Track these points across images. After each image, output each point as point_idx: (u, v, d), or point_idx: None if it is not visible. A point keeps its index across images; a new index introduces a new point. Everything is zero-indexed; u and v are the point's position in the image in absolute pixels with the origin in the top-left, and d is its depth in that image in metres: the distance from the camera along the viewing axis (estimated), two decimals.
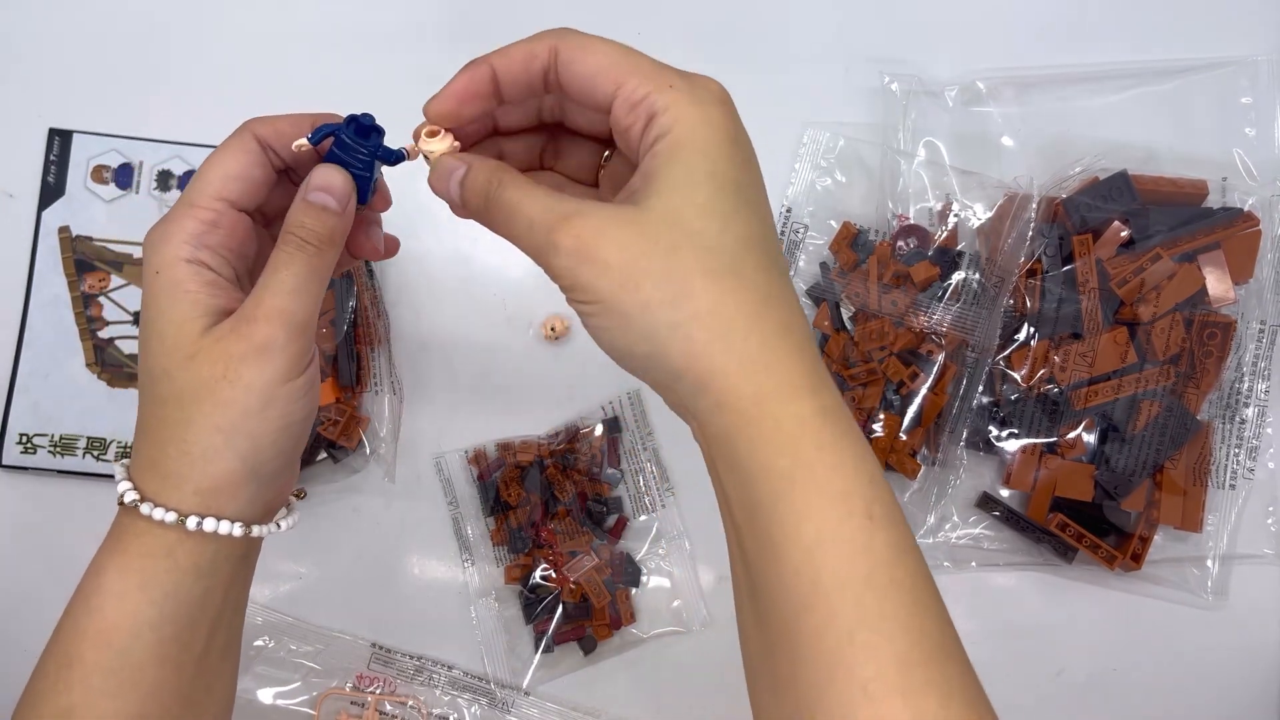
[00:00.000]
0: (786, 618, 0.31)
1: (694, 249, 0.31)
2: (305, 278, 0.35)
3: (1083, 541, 0.58)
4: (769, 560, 0.31)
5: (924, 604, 0.31)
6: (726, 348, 0.31)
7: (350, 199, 0.36)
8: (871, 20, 0.65)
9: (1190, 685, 0.61)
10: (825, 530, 0.30)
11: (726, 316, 0.31)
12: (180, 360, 0.34)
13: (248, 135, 0.37)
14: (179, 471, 0.35)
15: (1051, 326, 0.58)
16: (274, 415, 0.34)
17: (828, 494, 0.31)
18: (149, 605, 0.35)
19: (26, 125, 0.64)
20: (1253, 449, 0.60)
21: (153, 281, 0.35)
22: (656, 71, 0.33)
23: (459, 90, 0.35)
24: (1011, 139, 0.63)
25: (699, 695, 0.61)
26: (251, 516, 0.36)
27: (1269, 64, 0.62)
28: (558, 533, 0.61)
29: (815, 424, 0.31)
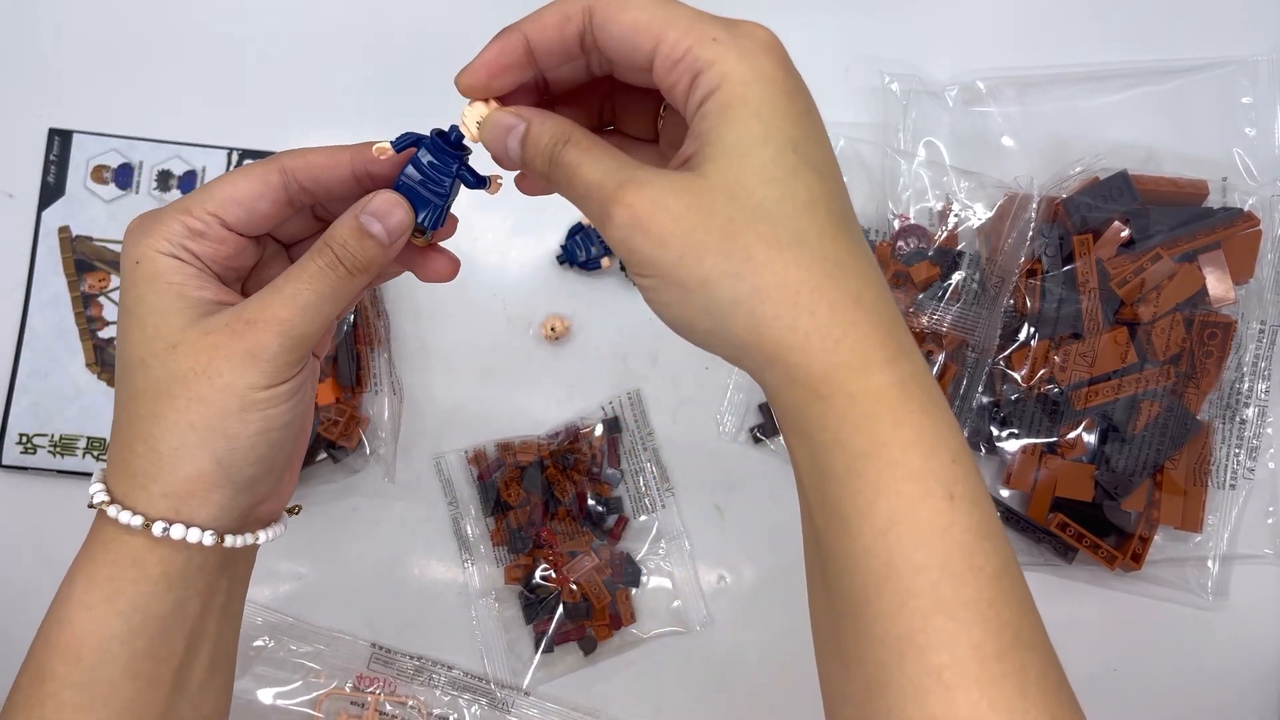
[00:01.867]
0: (856, 595, 0.30)
1: (753, 219, 0.29)
2: (323, 297, 0.33)
3: (1083, 541, 0.58)
4: (840, 536, 0.30)
5: (1005, 592, 0.29)
6: (793, 323, 0.29)
7: (403, 235, 0.34)
8: (871, 20, 0.65)
9: (1190, 685, 0.61)
10: (900, 511, 0.29)
11: (792, 290, 0.29)
12: (160, 350, 0.33)
13: (273, 167, 0.35)
14: (146, 471, 0.33)
15: (1052, 326, 0.58)
16: (253, 419, 0.33)
17: (904, 472, 0.29)
18: (116, 617, 0.33)
19: (26, 125, 0.64)
20: (1253, 449, 0.60)
21: (132, 271, 0.34)
22: (697, 22, 0.30)
23: (490, 61, 0.33)
24: (1012, 139, 0.63)
25: (699, 695, 0.61)
26: (226, 525, 0.34)
27: (1269, 64, 0.62)
28: (558, 533, 0.61)
29: (891, 398, 0.29)
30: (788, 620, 0.62)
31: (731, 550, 0.62)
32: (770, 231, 0.29)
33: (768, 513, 0.62)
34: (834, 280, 0.29)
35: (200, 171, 0.64)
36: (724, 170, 0.29)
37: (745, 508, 0.63)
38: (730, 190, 0.29)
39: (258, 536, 0.36)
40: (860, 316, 0.30)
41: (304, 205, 0.36)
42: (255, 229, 0.35)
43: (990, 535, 0.30)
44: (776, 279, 0.29)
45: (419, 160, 0.34)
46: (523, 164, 0.33)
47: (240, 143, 0.65)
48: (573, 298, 0.64)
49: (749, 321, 0.29)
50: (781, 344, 0.29)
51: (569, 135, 0.32)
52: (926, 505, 0.29)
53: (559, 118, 0.33)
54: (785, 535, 0.62)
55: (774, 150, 0.30)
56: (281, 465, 0.36)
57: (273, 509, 0.38)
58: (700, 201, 0.29)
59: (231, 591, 0.37)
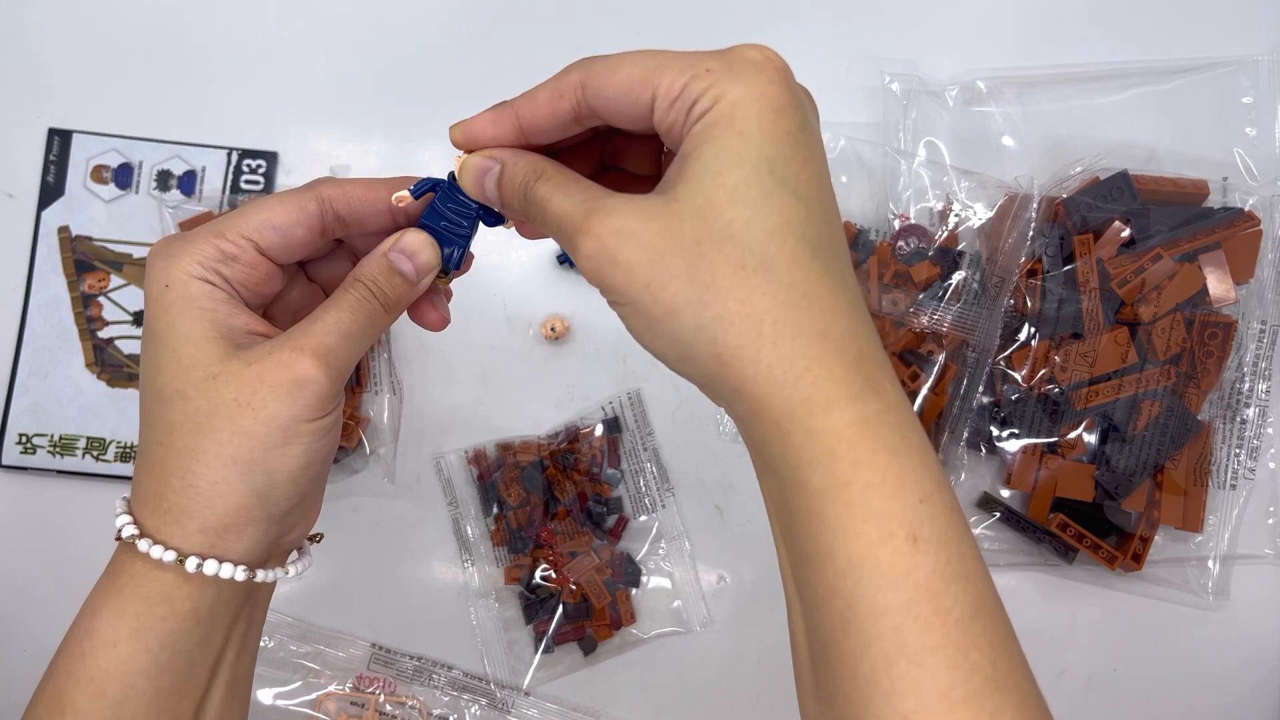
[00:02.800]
0: (825, 633, 0.29)
1: (720, 242, 0.28)
2: (361, 328, 0.33)
3: (1083, 542, 0.58)
4: (806, 572, 0.30)
5: (976, 636, 0.28)
6: (756, 354, 0.28)
7: (430, 274, 0.35)
8: (871, 20, 0.65)
9: (1191, 685, 0.61)
10: (859, 553, 0.28)
11: (755, 318, 0.28)
12: (199, 381, 0.32)
13: (310, 195, 0.35)
14: (182, 507, 0.32)
15: (1052, 326, 0.58)
16: (296, 452, 0.33)
17: (862, 514, 0.28)
18: (143, 654, 0.33)
19: (26, 125, 0.64)
20: (1253, 449, 0.60)
21: (161, 295, 0.33)
22: (690, 60, 0.30)
23: (480, 130, 0.34)
24: (1012, 139, 0.63)
25: (699, 695, 0.61)
26: (256, 559, 0.34)
27: (1269, 64, 0.62)
28: (558, 533, 0.61)
29: (852, 436, 0.28)
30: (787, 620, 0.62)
31: (731, 550, 0.62)
32: (736, 254, 0.28)
33: None
34: (799, 310, 0.28)
35: (200, 171, 0.64)
36: (694, 191, 0.29)
37: (745, 508, 0.63)
38: (699, 211, 0.29)
39: (287, 571, 0.36)
40: (824, 350, 0.28)
41: (335, 234, 0.36)
42: (289, 256, 0.35)
43: (961, 576, 0.29)
44: (740, 306, 0.28)
45: (440, 203, 0.35)
46: (501, 205, 0.34)
47: (240, 143, 0.65)
48: (573, 298, 0.64)
49: (712, 350, 0.29)
50: (744, 375, 0.29)
51: (541, 171, 0.32)
52: (888, 548, 0.28)
53: (533, 155, 0.33)
54: None
55: (748, 170, 0.29)
56: (314, 497, 0.36)
57: (296, 538, 0.37)
58: (667, 226, 0.29)
59: (251, 620, 0.37)
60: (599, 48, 0.71)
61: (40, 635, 0.62)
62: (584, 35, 0.65)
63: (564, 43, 0.65)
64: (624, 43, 0.71)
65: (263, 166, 0.64)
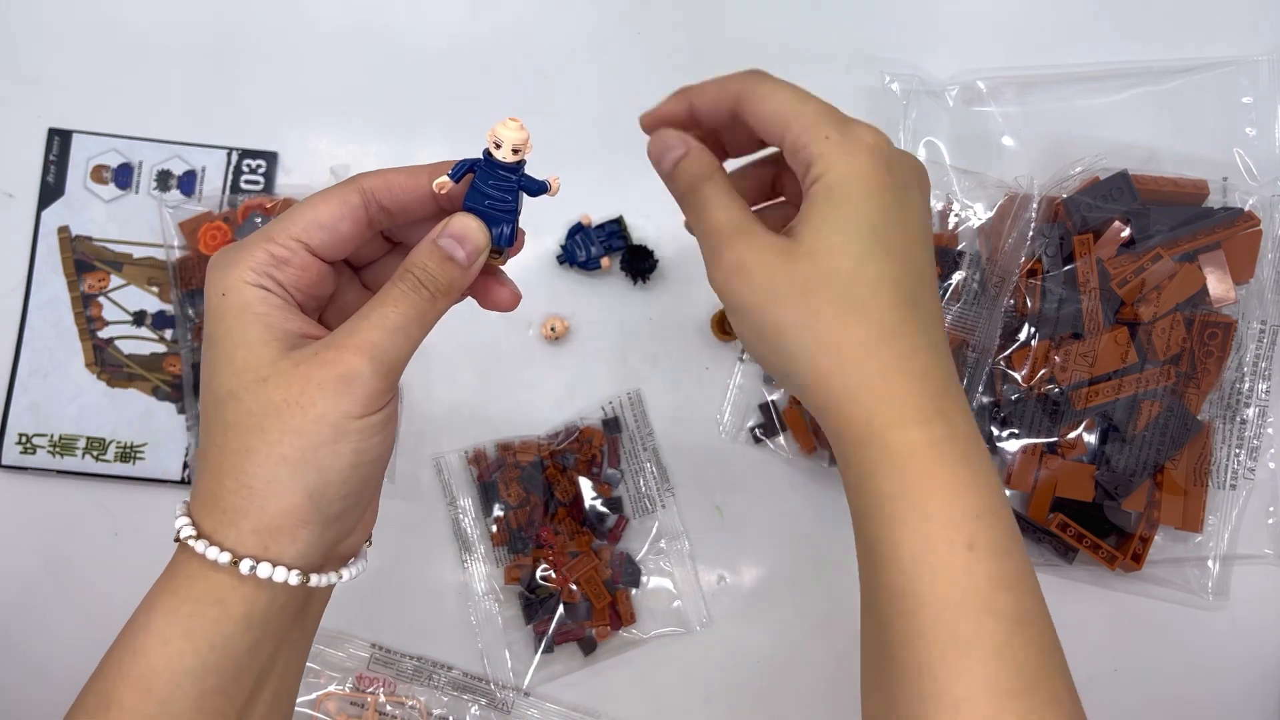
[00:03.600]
0: (888, 624, 0.33)
1: (827, 284, 0.34)
2: (410, 320, 0.34)
3: (1083, 542, 0.58)
4: (873, 571, 0.34)
5: (1024, 635, 0.33)
6: (844, 377, 0.34)
7: (481, 256, 0.35)
8: (871, 20, 0.65)
9: (1191, 685, 0.61)
10: (920, 551, 0.33)
11: (846, 346, 0.34)
12: (250, 383, 0.33)
13: (352, 188, 0.35)
14: (236, 507, 0.33)
15: (1052, 326, 0.58)
16: (346, 451, 0.33)
17: (922, 516, 0.33)
18: (193, 654, 0.33)
19: (26, 125, 0.64)
20: (1253, 449, 0.60)
21: (219, 304, 0.34)
22: (818, 120, 0.36)
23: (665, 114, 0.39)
24: (1012, 139, 0.63)
25: (699, 695, 0.61)
26: (311, 563, 0.34)
27: (1269, 64, 0.62)
28: (558, 533, 0.61)
29: (924, 452, 0.33)
30: (788, 620, 0.62)
31: (731, 550, 0.62)
32: (836, 295, 0.34)
33: (768, 513, 0.62)
34: (886, 345, 0.34)
35: (200, 171, 0.64)
36: (812, 241, 0.35)
37: (745, 508, 0.63)
38: (813, 257, 0.34)
39: (340, 575, 0.36)
40: (903, 378, 0.34)
41: (382, 226, 0.37)
42: (338, 252, 0.36)
43: (1012, 585, 0.33)
44: (834, 336, 0.34)
45: (481, 182, 0.35)
46: (664, 177, 0.38)
47: (240, 143, 0.65)
48: (573, 298, 0.64)
49: (810, 367, 0.34)
50: (833, 392, 0.34)
51: (713, 173, 0.37)
52: (944, 549, 0.33)
53: (711, 155, 0.38)
54: (785, 535, 0.62)
55: (853, 233, 0.35)
56: (367, 499, 0.36)
57: (353, 544, 0.37)
58: (787, 261, 0.35)
59: (304, 628, 0.37)
60: (598, 47, 0.71)
61: (40, 635, 0.63)
62: (584, 35, 0.65)
63: (563, 45, 0.65)
64: (626, 41, 0.72)
65: (263, 166, 0.64)
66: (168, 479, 0.63)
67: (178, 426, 0.63)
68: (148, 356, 0.63)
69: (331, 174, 0.63)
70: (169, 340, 0.63)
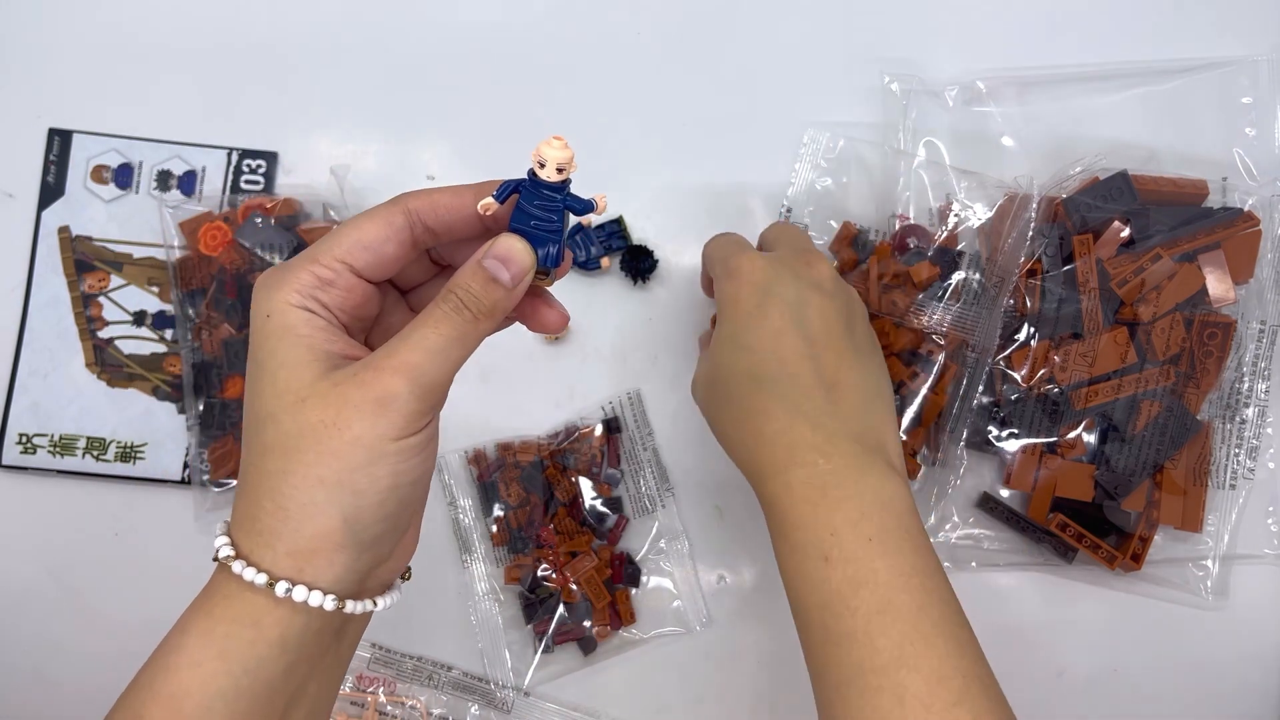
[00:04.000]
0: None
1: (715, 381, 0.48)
2: (451, 341, 0.33)
3: (1083, 542, 0.58)
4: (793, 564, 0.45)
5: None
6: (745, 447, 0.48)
7: (526, 277, 0.35)
8: (871, 20, 0.65)
9: (1190, 686, 0.61)
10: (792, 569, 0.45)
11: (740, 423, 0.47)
12: (290, 404, 0.32)
13: (397, 209, 0.35)
14: (272, 529, 0.32)
15: (1052, 326, 0.58)
16: (382, 474, 0.32)
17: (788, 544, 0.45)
18: (225, 677, 0.32)
19: (26, 125, 0.64)
20: (1253, 449, 0.60)
21: (263, 325, 0.33)
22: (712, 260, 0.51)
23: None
24: (1012, 139, 0.63)
25: (699, 695, 0.61)
26: (346, 588, 0.33)
27: (1269, 64, 0.62)
28: (558, 533, 0.61)
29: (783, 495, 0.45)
30: (788, 620, 0.62)
31: (731, 550, 0.62)
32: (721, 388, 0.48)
33: None
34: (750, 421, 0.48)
35: (200, 171, 0.64)
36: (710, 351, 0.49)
37: (745, 508, 0.63)
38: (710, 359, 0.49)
39: (375, 603, 0.35)
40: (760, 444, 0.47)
41: (427, 246, 0.36)
42: (383, 273, 0.35)
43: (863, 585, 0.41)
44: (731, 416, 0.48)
45: (526, 202, 0.34)
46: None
47: (240, 143, 0.65)
48: (572, 298, 0.64)
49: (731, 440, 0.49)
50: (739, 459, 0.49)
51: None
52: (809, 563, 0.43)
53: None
54: None
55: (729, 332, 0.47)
56: (405, 525, 0.36)
57: (390, 571, 0.37)
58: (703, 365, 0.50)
59: (339, 652, 0.37)
60: (599, 46, 0.71)
61: (40, 635, 0.63)
62: (585, 34, 0.65)
63: (563, 45, 0.65)
64: (626, 41, 0.71)
65: (263, 166, 0.64)
66: (168, 479, 0.63)
67: (178, 426, 0.63)
68: (148, 356, 0.63)
69: (331, 174, 0.63)
70: (169, 340, 0.63)
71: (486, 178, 0.36)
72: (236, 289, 0.61)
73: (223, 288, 0.61)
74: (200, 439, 0.61)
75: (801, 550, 0.41)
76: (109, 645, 0.62)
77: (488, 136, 0.65)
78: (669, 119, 0.64)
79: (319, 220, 0.63)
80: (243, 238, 0.61)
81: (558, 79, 0.65)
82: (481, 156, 0.65)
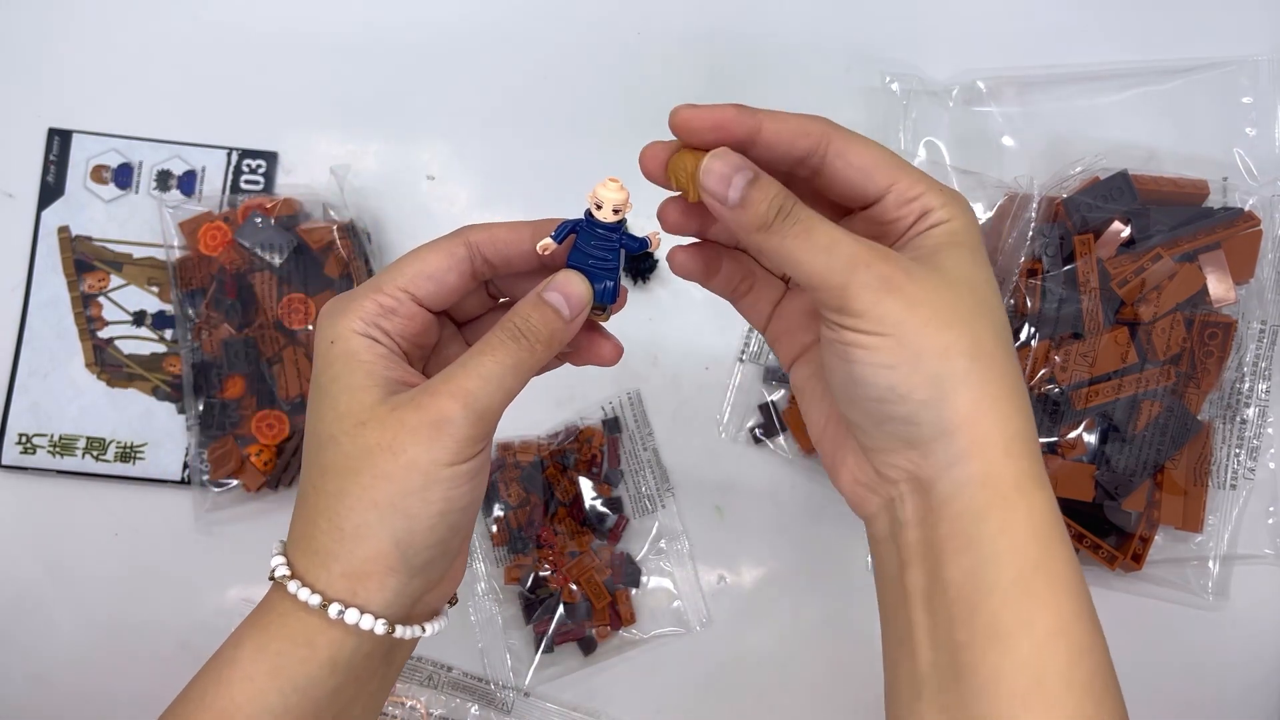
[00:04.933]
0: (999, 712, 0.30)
1: (987, 313, 0.33)
2: (506, 369, 0.33)
3: (1083, 542, 0.58)
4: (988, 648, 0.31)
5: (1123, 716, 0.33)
6: (1002, 420, 0.32)
7: (583, 312, 0.36)
8: (871, 20, 0.65)
9: (1191, 685, 0.61)
10: (1059, 625, 0.31)
11: (1009, 386, 0.32)
12: (350, 427, 0.33)
13: (459, 240, 0.36)
14: (328, 549, 0.33)
15: (1052, 326, 0.58)
16: (434, 498, 0.33)
17: (1064, 587, 0.31)
18: (276, 694, 0.33)
19: (26, 125, 0.64)
20: (1254, 449, 0.60)
21: (327, 351, 0.34)
22: (923, 175, 0.35)
23: (721, 119, 0.34)
24: (1012, 139, 0.63)
25: (699, 695, 0.61)
26: (396, 613, 0.34)
27: (1269, 63, 0.62)
28: (558, 533, 0.61)
29: (1055, 516, 0.32)
30: (788, 620, 0.62)
31: (731, 550, 0.62)
32: (996, 330, 0.33)
33: (768, 513, 0.62)
34: (1023, 392, 0.32)
35: (200, 171, 0.64)
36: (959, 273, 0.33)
37: (745, 508, 0.63)
38: (970, 286, 0.33)
39: (424, 629, 0.36)
40: (1033, 435, 0.32)
41: (486, 278, 0.37)
42: (443, 303, 0.36)
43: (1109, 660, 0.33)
44: (1003, 371, 0.32)
45: (583, 242, 0.36)
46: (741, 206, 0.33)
47: (240, 143, 0.65)
48: None
49: (973, 398, 0.31)
50: (990, 436, 0.31)
51: (794, 196, 0.33)
52: (1080, 624, 0.31)
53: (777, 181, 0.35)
54: (785, 535, 0.62)
55: (986, 277, 0.34)
56: (454, 551, 0.36)
57: (439, 596, 0.37)
58: (948, 283, 0.32)
59: (385, 679, 0.37)
60: (599, 46, 0.71)
61: (40, 635, 0.62)
62: (584, 34, 0.65)
63: (564, 45, 0.65)
64: (626, 42, 0.71)
65: (262, 166, 0.64)
66: (167, 479, 0.63)
67: (177, 426, 0.63)
68: (148, 356, 0.63)
69: (331, 174, 0.63)
70: (169, 340, 0.63)
71: (485, 178, 0.36)
72: (236, 289, 0.61)
73: (222, 288, 0.61)
74: (200, 439, 0.61)
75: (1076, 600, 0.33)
76: (109, 645, 0.62)
77: (487, 137, 0.65)
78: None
79: (319, 220, 0.63)
80: (243, 238, 0.61)
81: (559, 78, 0.65)
82: (481, 157, 0.65)
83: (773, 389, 0.63)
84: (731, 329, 0.63)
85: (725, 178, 0.33)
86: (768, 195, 0.33)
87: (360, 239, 0.62)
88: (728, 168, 0.33)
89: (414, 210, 0.65)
